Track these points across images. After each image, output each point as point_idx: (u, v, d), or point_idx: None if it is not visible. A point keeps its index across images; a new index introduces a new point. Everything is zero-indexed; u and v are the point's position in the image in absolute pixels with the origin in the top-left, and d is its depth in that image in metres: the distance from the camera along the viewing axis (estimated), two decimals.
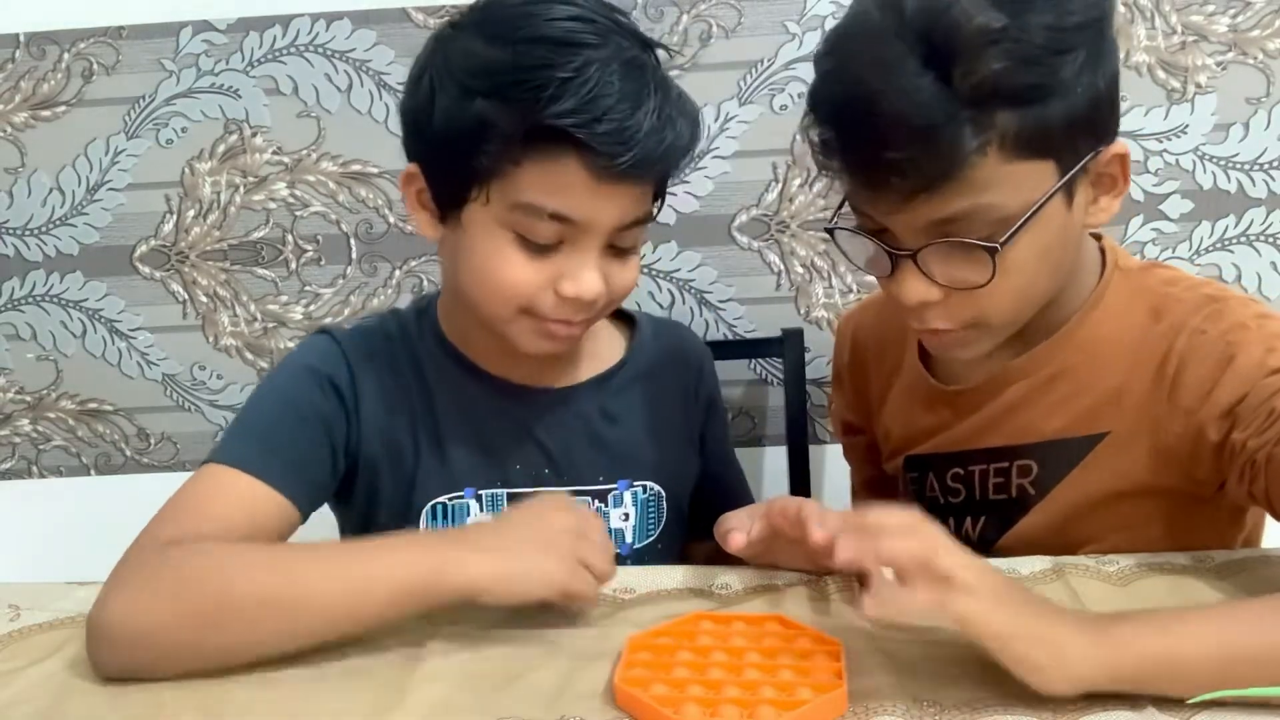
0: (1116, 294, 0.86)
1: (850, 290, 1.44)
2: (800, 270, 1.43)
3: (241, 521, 0.78)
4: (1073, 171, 0.75)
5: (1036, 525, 0.89)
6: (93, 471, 1.53)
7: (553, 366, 0.93)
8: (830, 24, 1.33)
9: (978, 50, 0.70)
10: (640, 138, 0.76)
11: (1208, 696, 0.59)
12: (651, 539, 0.98)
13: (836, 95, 0.77)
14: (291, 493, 0.82)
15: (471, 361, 0.93)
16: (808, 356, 1.39)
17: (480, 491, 0.92)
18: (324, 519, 0.94)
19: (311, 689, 0.68)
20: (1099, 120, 0.76)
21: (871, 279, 1.41)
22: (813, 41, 1.36)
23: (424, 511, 0.91)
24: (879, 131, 0.72)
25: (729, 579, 0.83)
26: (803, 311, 1.45)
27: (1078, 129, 0.74)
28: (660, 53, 0.84)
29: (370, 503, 0.92)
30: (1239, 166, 1.36)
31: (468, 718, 0.65)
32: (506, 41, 0.78)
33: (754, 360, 1.47)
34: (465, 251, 0.83)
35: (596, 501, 0.95)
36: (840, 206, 0.83)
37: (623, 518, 0.96)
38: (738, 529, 0.81)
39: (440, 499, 0.92)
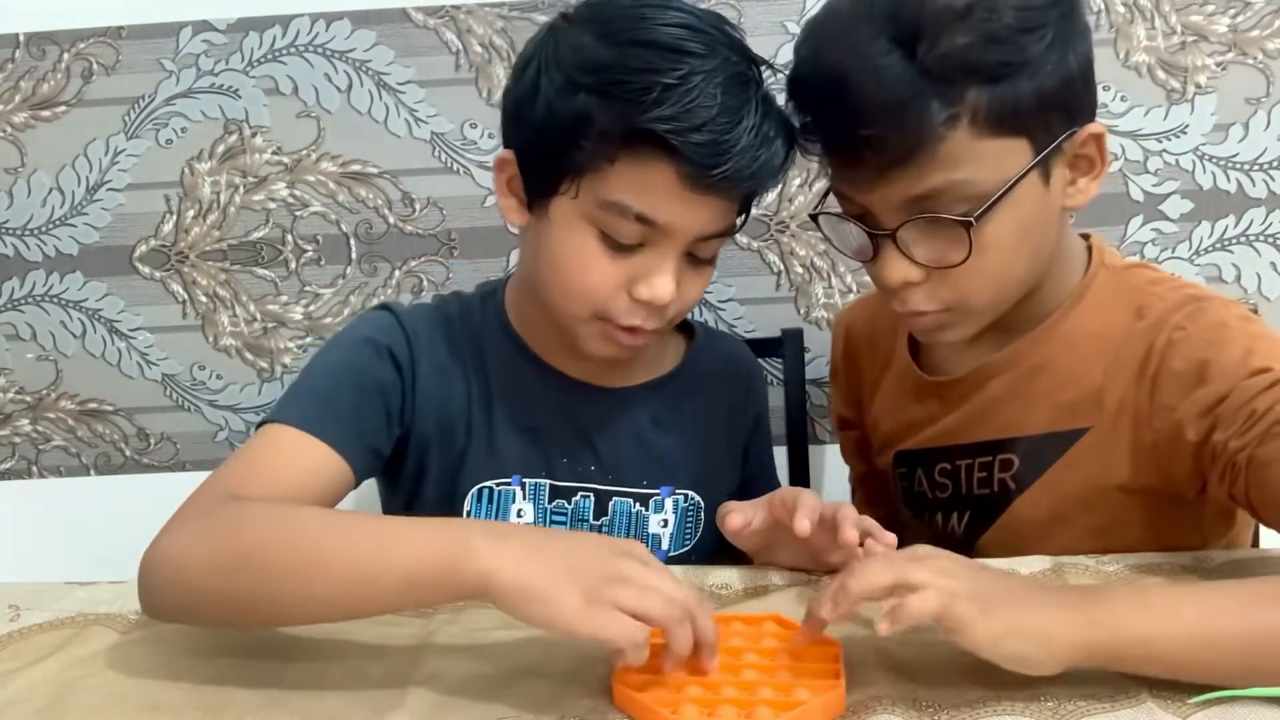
0: (1101, 290, 0.87)
1: (850, 290, 1.44)
2: (800, 270, 1.43)
3: (296, 480, 0.79)
4: (1047, 150, 0.77)
5: (1017, 521, 0.89)
6: (92, 471, 1.53)
7: (611, 367, 0.94)
8: None
9: (942, 27, 0.73)
10: (735, 152, 0.77)
11: (1208, 696, 0.59)
12: (687, 549, 0.98)
13: (811, 79, 0.80)
14: (348, 454, 0.82)
15: (533, 352, 0.94)
16: (807, 356, 1.39)
17: (525, 480, 0.93)
18: (367, 492, 0.95)
19: (312, 689, 0.68)
20: (1072, 99, 0.78)
21: (870, 280, 1.43)
22: None
23: (469, 494, 0.92)
24: (850, 109, 0.75)
25: (728, 579, 0.83)
26: (802, 311, 1.45)
27: (1049, 107, 0.76)
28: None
29: (418, 479, 0.93)
30: (1239, 167, 1.36)
31: (468, 718, 0.65)
32: (616, 41, 0.78)
33: None
34: (547, 243, 0.84)
35: (637, 504, 0.95)
36: (826, 195, 0.85)
37: (661, 524, 0.96)
38: (738, 513, 0.82)
39: (487, 483, 0.92)
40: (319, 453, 0.81)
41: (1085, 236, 0.91)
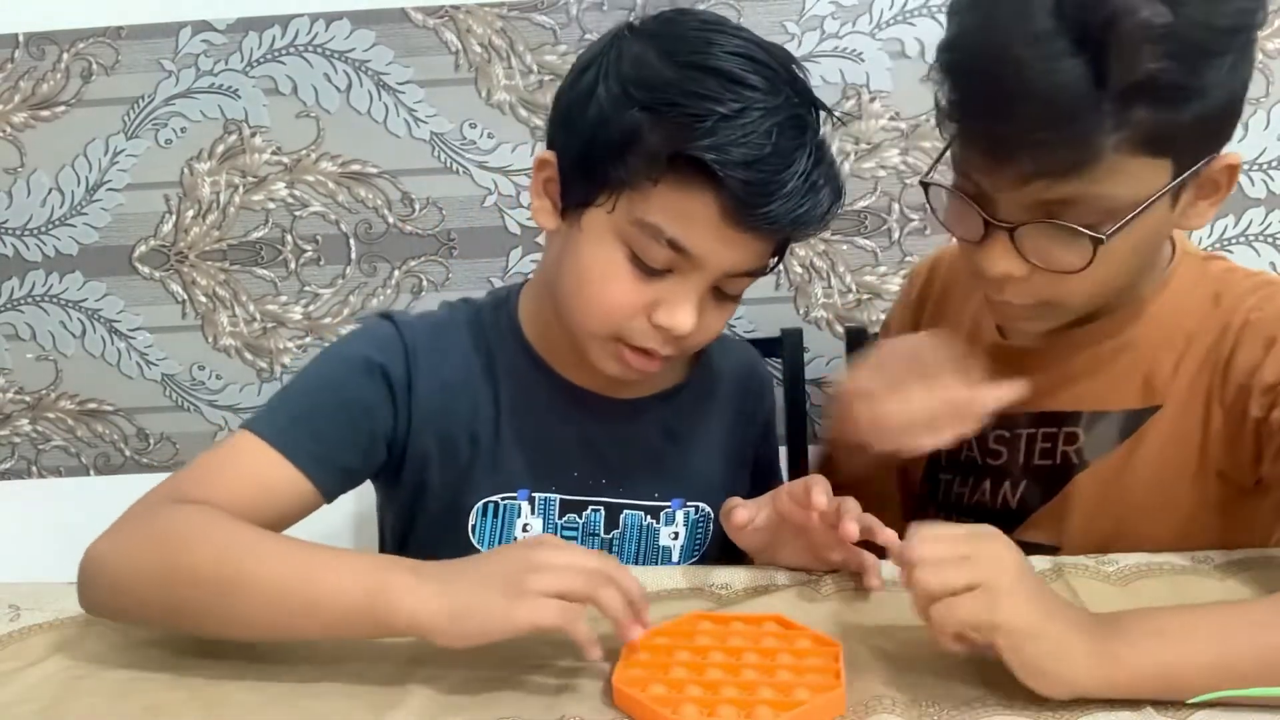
0: (1184, 277, 0.87)
1: (849, 290, 1.44)
2: (799, 270, 1.43)
3: (255, 495, 0.78)
4: (1188, 174, 0.74)
5: (1076, 497, 0.89)
6: (92, 471, 1.53)
7: (622, 382, 0.91)
8: (830, 24, 1.35)
9: (1137, 45, 0.68)
10: (780, 195, 0.75)
11: (1208, 697, 0.59)
12: (695, 560, 0.97)
13: (975, 58, 0.74)
14: (314, 475, 0.81)
15: (545, 362, 0.92)
16: (807, 356, 1.39)
17: (533, 494, 0.91)
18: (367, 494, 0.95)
19: (312, 689, 0.68)
20: (1226, 125, 0.75)
21: (871, 280, 1.43)
22: (812, 42, 1.36)
23: (475, 509, 0.91)
24: (1017, 108, 0.70)
25: (728, 579, 0.83)
26: (802, 311, 1.45)
27: (1204, 132, 0.74)
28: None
29: (418, 492, 0.92)
30: None
31: (468, 718, 0.65)
32: (678, 62, 0.77)
33: None
34: (574, 252, 0.82)
35: (648, 517, 0.94)
36: (938, 159, 0.82)
37: (672, 536, 0.95)
38: (743, 508, 0.82)
39: (493, 497, 0.91)
40: (281, 471, 0.80)
41: None
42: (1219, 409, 0.84)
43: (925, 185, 0.82)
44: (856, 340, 1.35)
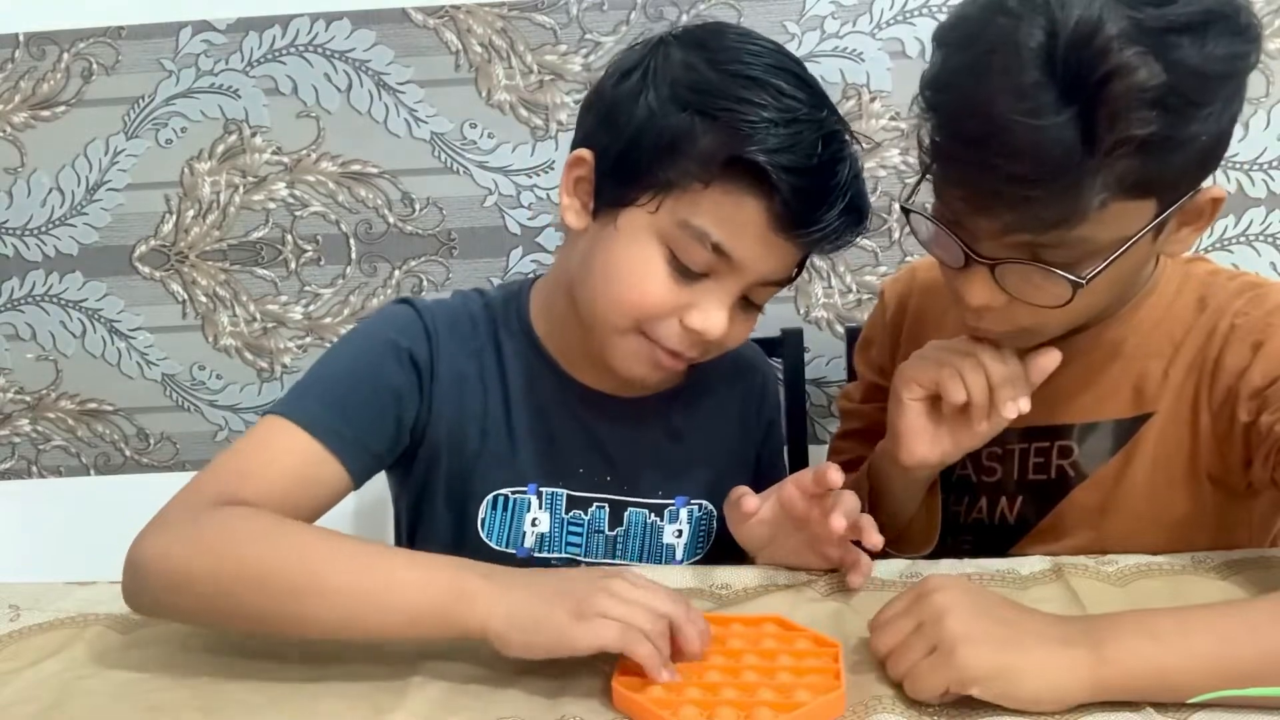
0: (1168, 282, 0.87)
1: (850, 290, 1.44)
2: None
3: (290, 483, 0.78)
4: (1170, 210, 0.73)
5: (1074, 509, 0.89)
6: (92, 471, 1.53)
7: (635, 380, 0.90)
8: (830, 24, 1.35)
9: (1128, 108, 0.65)
10: (828, 204, 0.77)
11: (1207, 698, 0.59)
12: (699, 558, 0.97)
13: (959, 105, 0.72)
14: (348, 460, 0.81)
15: (552, 358, 0.92)
16: (807, 356, 1.39)
17: (541, 489, 0.92)
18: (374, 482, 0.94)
19: (312, 689, 0.68)
20: (1211, 162, 0.74)
21: (871, 280, 1.43)
22: (812, 41, 1.36)
23: (485, 500, 0.91)
24: (1002, 163, 0.68)
25: (728, 579, 0.83)
26: (802, 311, 1.45)
27: (1190, 171, 0.72)
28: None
29: (427, 480, 0.92)
30: (1239, 166, 1.36)
31: (468, 718, 0.65)
32: (727, 71, 0.77)
33: None
34: (606, 251, 0.82)
35: (652, 515, 0.95)
36: (917, 185, 0.81)
37: (675, 534, 0.95)
38: (751, 497, 0.82)
39: (503, 490, 0.91)
40: (318, 457, 0.80)
41: None
42: (1207, 413, 0.83)
43: (906, 210, 0.82)
44: (856, 340, 1.34)
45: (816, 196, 0.77)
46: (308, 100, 1.40)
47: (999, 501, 0.94)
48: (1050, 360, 0.81)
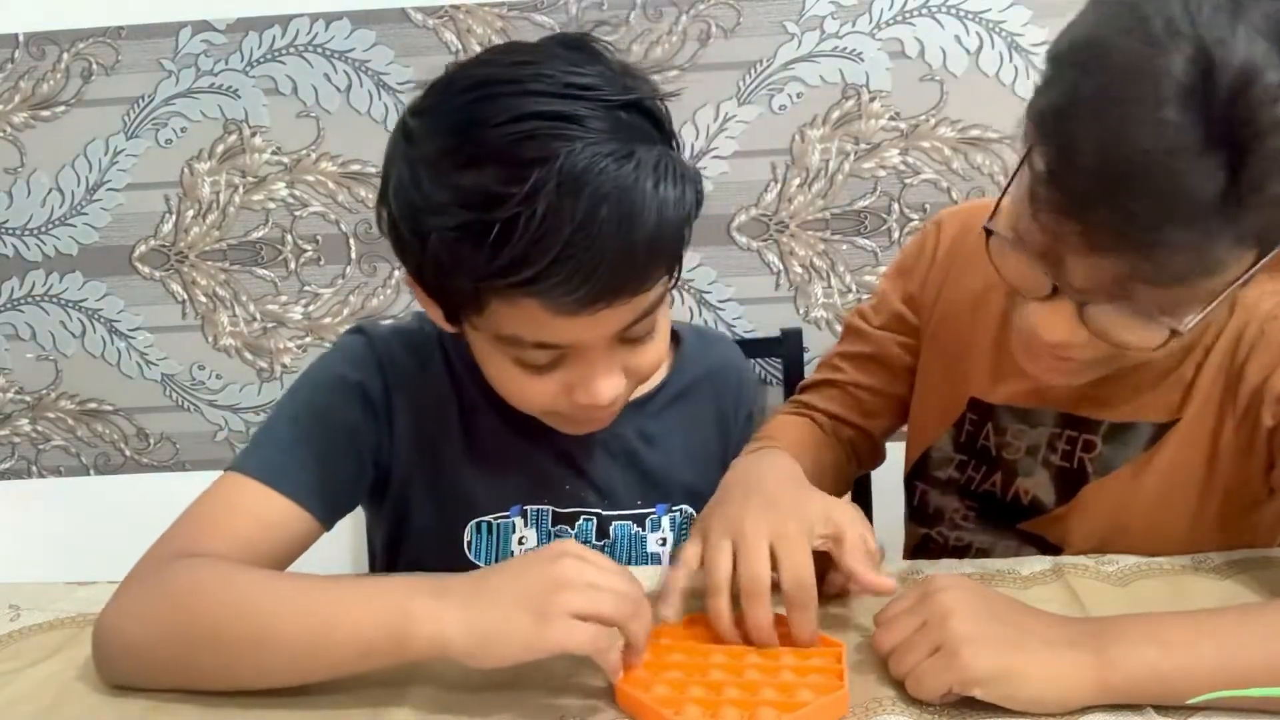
0: None
1: (849, 290, 1.44)
2: (799, 270, 1.43)
3: (255, 535, 0.76)
4: (1269, 257, 0.66)
5: (1089, 503, 0.89)
6: (92, 471, 1.53)
7: None
8: (830, 24, 1.35)
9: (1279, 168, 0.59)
10: (604, 266, 0.66)
11: (1207, 697, 0.59)
12: None
13: (1087, 134, 0.63)
14: (311, 505, 0.79)
15: None
16: (806, 356, 1.39)
17: (525, 507, 0.90)
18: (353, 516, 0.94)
19: (312, 689, 0.68)
20: None
21: (871, 280, 1.43)
22: (812, 41, 1.36)
23: (469, 527, 0.90)
24: (1136, 203, 0.61)
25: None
26: (801, 311, 1.45)
27: None
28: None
29: (402, 509, 0.91)
30: None
31: (468, 718, 0.65)
32: (452, 165, 0.68)
33: (753, 360, 1.46)
34: (476, 356, 0.80)
35: (635, 526, 0.94)
36: (999, 202, 0.74)
37: (660, 542, 0.94)
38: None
39: (485, 517, 0.90)
40: (278, 506, 0.78)
41: None
42: (1231, 419, 0.82)
43: (988, 232, 0.73)
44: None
45: (588, 264, 0.66)
46: (307, 100, 1.40)
47: (1015, 480, 0.93)
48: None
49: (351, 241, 1.44)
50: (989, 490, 0.94)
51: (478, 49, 1.36)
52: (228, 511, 0.77)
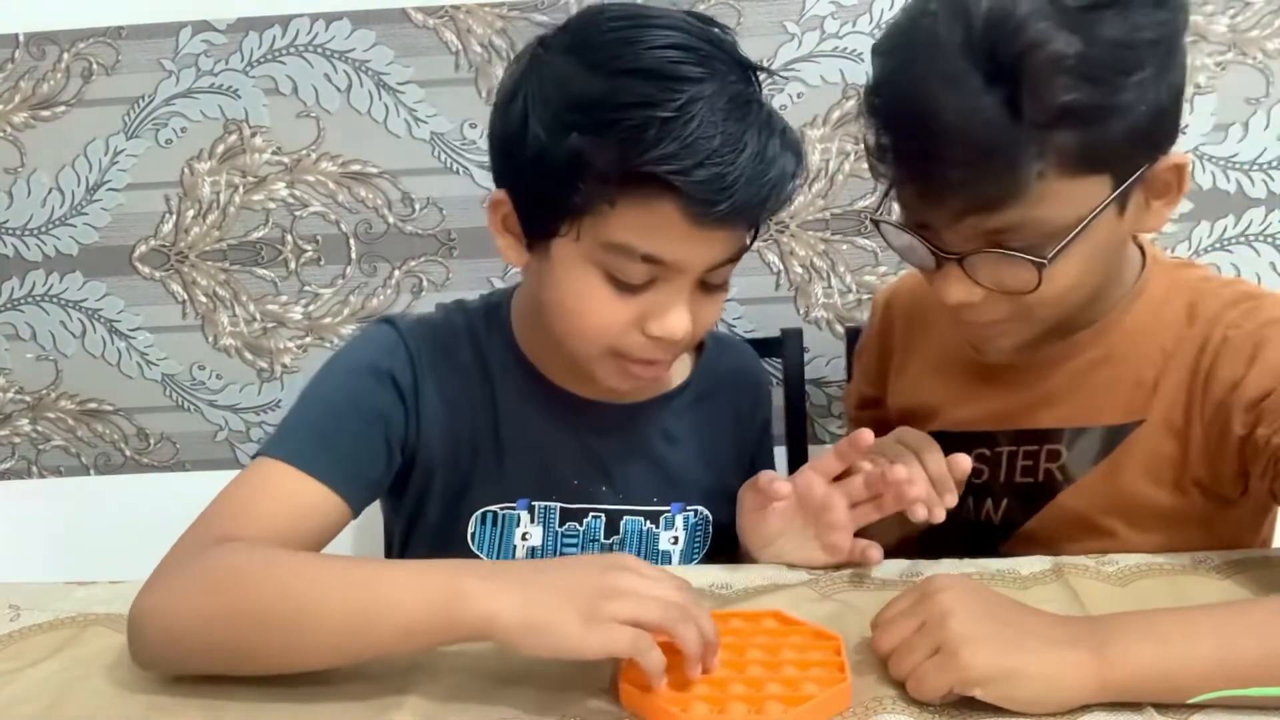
0: (1156, 287, 0.87)
1: (849, 290, 1.44)
2: (799, 270, 1.43)
3: (288, 520, 0.76)
4: (1127, 183, 0.75)
5: (1060, 513, 0.89)
6: (92, 471, 1.53)
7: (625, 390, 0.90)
8: (830, 24, 1.35)
9: (1050, 76, 0.69)
10: (741, 184, 0.73)
11: (1207, 697, 0.59)
12: (694, 564, 0.96)
13: (895, 103, 0.76)
14: (344, 490, 0.80)
15: (540, 372, 0.91)
16: (807, 356, 1.39)
17: (533, 503, 0.91)
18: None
19: (312, 689, 0.68)
20: (1159, 131, 0.75)
21: (871, 280, 1.43)
22: (812, 42, 1.36)
23: (473, 517, 0.90)
24: (939, 149, 0.72)
25: (728, 579, 0.83)
26: (802, 311, 1.45)
27: (1137, 142, 0.73)
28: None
29: (421, 501, 0.91)
30: (1238, 166, 1.36)
31: (468, 717, 0.65)
32: (604, 71, 0.74)
33: None
34: (551, 285, 0.81)
35: (648, 522, 0.94)
36: (885, 195, 0.83)
37: (672, 540, 0.94)
38: (780, 481, 0.83)
39: (491, 507, 0.90)
40: (313, 491, 0.78)
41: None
42: (1199, 425, 0.83)
43: (875, 222, 0.84)
44: (856, 340, 1.34)
45: (727, 179, 0.73)
46: (308, 100, 1.40)
47: (985, 502, 0.94)
48: (966, 464, 0.82)
49: (351, 241, 1.44)
50: (965, 518, 0.95)
51: (478, 49, 1.37)
52: (262, 497, 0.77)
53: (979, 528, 0.94)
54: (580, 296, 0.79)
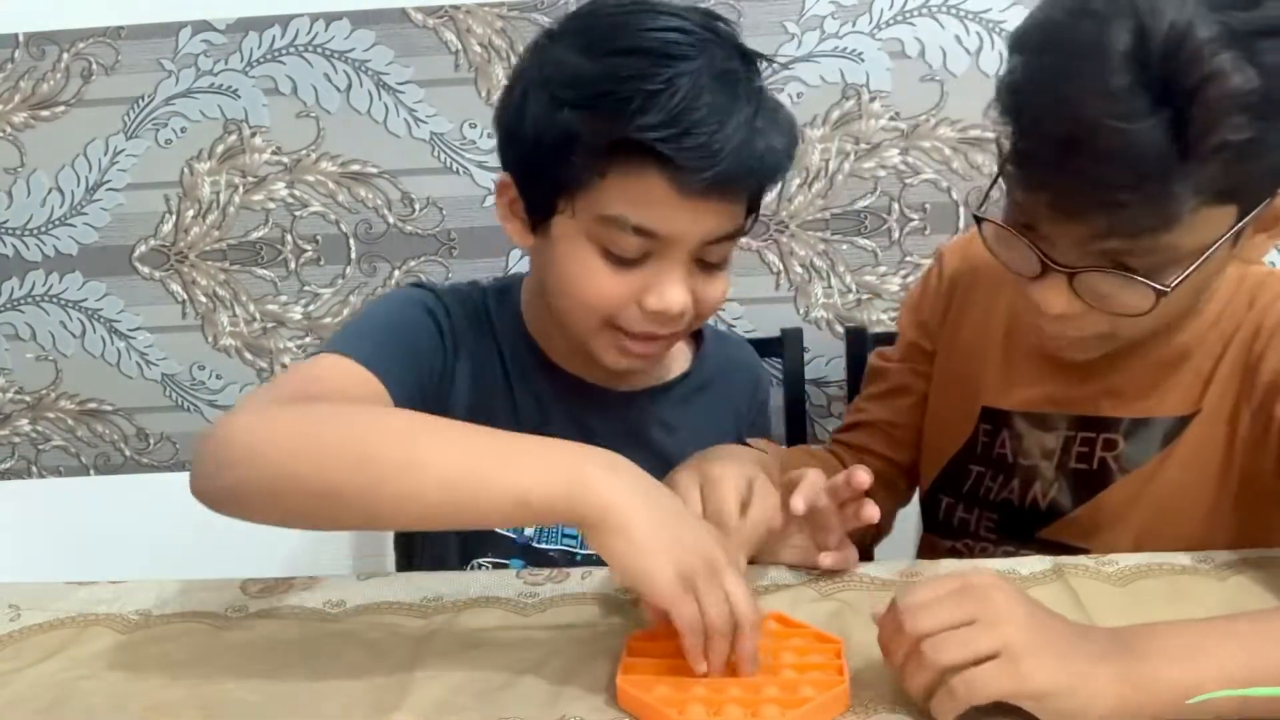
0: (1228, 283, 0.86)
1: (849, 290, 1.44)
2: (799, 270, 1.43)
3: (359, 397, 0.77)
4: (1252, 215, 0.72)
5: (1114, 502, 0.89)
6: (92, 471, 1.53)
7: (624, 374, 0.92)
8: (830, 24, 1.35)
9: (1225, 114, 0.65)
10: (727, 152, 0.74)
11: (1207, 697, 0.59)
12: None
13: (1043, 109, 0.71)
14: (398, 397, 0.79)
15: (545, 354, 0.93)
16: (807, 356, 1.39)
17: None
18: None
19: (312, 689, 0.68)
20: None
21: (871, 280, 1.43)
22: (812, 41, 1.36)
23: None
24: (1094, 168, 0.68)
25: None
26: (802, 311, 1.45)
27: (1272, 177, 0.72)
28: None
29: None
30: None
31: (468, 718, 0.65)
32: (600, 52, 0.76)
33: None
34: (552, 263, 0.83)
35: None
36: (989, 191, 0.80)
37: None
38: (799, 497, 0.79)
39: None
40: (372, 384, 0.78)
41: None
42: (1246, 412, 0.83)
43: (979, 219, 0.80)
44: (857, 340, 1.35)
45: (713, 148, 0.74)
46: (307, 100, 1.40)
47: (1032, 486, 0.93)
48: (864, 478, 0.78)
49: (351, 241, 1.44)
50: (1006, 498, 0.94)
51: (478, 49, 1.37)
52: (331, 380, 0.77)
53: (1020, 511, 0.93)
54: (579, 271, 0.81)
